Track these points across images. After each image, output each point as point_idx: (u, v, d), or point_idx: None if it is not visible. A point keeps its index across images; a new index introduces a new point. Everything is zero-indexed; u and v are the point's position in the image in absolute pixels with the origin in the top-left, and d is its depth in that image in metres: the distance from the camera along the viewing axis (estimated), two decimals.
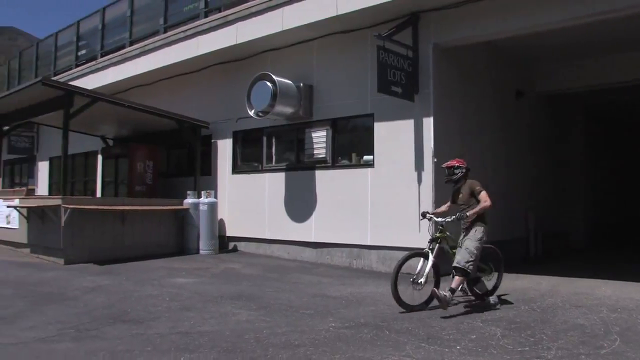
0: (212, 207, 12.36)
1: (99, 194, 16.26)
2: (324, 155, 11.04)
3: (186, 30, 13.09)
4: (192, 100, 13.85)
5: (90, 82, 16.00)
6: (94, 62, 16.59)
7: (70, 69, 18.03)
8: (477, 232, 6.87)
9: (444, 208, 7.46)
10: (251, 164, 12.67)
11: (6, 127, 14.95)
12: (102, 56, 16.44)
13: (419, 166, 9.51)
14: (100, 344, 5.40)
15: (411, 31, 9.78)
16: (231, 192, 12.87)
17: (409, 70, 9.50)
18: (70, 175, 17.52)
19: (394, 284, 6.62)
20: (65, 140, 11.51)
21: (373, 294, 7.95)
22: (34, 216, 11.87)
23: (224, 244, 12.80)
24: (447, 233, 7.10)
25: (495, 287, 7.50)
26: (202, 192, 12.52)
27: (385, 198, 9.98)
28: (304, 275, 9.71)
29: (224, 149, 13.09)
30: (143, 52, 14.40)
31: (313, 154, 11.27)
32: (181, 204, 12.58)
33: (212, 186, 12.95)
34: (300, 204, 11.33)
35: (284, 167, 11.79)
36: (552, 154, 14.53)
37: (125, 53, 15.14)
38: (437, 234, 7.03)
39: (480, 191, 6.93)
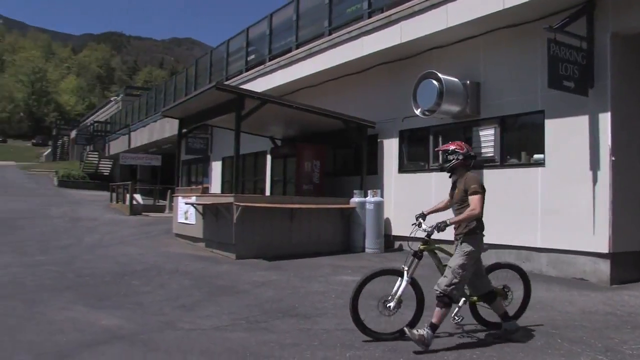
0: (378, 206, 12.90)
1: (268, 192, 17.41)
2: (492, 154, 11.12)
3: (350, 32, 13.72)
4: (358, 100, 14.53)
5: (259, 85, 17.35)
6: (262, 66, 17.88)
7: (241, 73, 19.55)
8: (464, 246, 5.67)
9: (440, 205, 6.37)
10: (417, 163, 13.03)
11: (184, 130, 16.58)
12: (270, 60, 17.64)
13: (594, 165, 9.27)
14: (270, 336, 5.95)
15: (585, 20, 9.48)
16: (397, 191, 13.33)
17: (583, 63, 9.30)
18: (241, 174, 19.04)
19: (352, 304, 5.66)
20: (237, 141, 12.55)
21: (543, 299, 7.77)
22: (209, 213, 13.16)
23: (389, 243, 13.29)
24: (437, 245, 5.93)
25: (516, 316, 6.24)
26: (369, 191, 13.10)
27: (557, 198, 9.84)
28: None
29: (390, 148, 13.58)
30: (309, 54, 15.30)
31: (480, 153, 11.38)
32: (347, 203, 13.23)
33: (378, 185, 13.50)
34: None
35: None
36: None
37: (292, 56, 16.17)
38: (421, 246, 5.84)
39: (475, 193, 5.63)
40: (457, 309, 5.81)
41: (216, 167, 23.39)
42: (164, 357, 5.32)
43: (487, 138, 11.25)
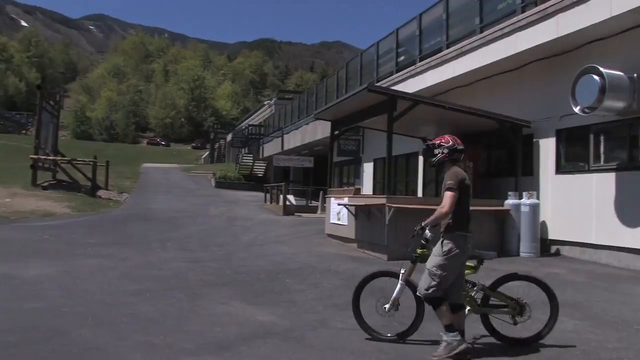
0: (534, 208, 12.54)
1: (419, 193, 17.52)
2: None
3: (503, 28, 13.43)
4: (511, 99, 14.22)
5: (410, 86, 17.47)
6: (412, 67, 17.98)
7: (391, 74, 19.77)
8: (442, 245, 5.46)
9: None
10: (576, 164, 12.50)
11: (336, 132, 17.08)
12: (420, 60, 17.70)
13: None
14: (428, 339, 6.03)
15: None
16: (554, 193, 12.87)
17: None
18: (393, 175, 19.25)
19: (353, 304, 6.19)
20: (389, 143, 12.82)
21: None
22: (361, 214, 13.46)
23: (545, 247, 12.86)
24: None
25: (539, 336, 5.73)
26: (524, 193, 12.78)
27: None
28: (637, 286, 9.21)
29: (547, 148, 13.13)
30: (460, 53, 15.18)
31: None
32: (501, 205, 12.99)
33: (533, 187, 13.11)
34: (633, 207, 10.84)
35: (614, 166, 11.40)
36: None
37: (442, 56, 16.13)
38: (419, 250, 5.78)
39: (447, 189, 5.40)
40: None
41: (368, 169, 23.78)
42: (316, 354, 5.61)
43: None
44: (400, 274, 5.87)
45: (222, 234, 16.99)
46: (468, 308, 5.67)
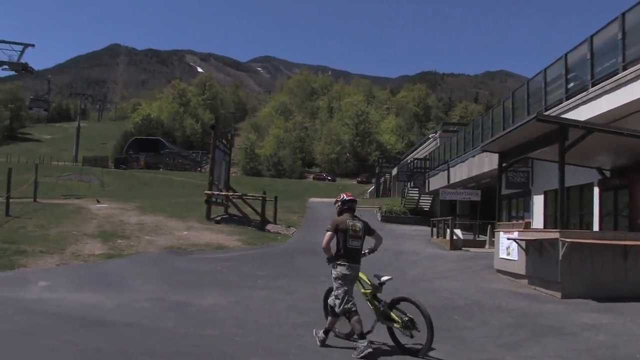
0: None
1: (595, 227, 16.69)
2: None
3: None
4: None
5: (582, 113, 16.76)
6: (584, 93, 17.24)
7: (560, 102, 19.06)
8: (331, 273, 7.69)
9: None
10: None
11: (504, 164, 16.79)
12: (592, 85, 16.95)
13: None
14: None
15: None
16: None
17: None
18: (565, 208, 18.49)
19: (324, 307, 8.25)
20: (561, 174, 12.45)
21: None
22: (532, 249, 13.12)
23: None
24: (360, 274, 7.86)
25: (419, 351, 6.94)
26: None
27: None
28: None
29: None
30: (639, 75, 14.37)
31: None
32: None
33: None
34: None
35: None
36: None
37: (618, 79, 15.32)
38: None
39: (326, 230, 7.74)
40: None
41: (538, 201, 22.99)
42: None
43: None
44: None
45: (388, 268, 17.17)
46: (375, 320, 7.43)
